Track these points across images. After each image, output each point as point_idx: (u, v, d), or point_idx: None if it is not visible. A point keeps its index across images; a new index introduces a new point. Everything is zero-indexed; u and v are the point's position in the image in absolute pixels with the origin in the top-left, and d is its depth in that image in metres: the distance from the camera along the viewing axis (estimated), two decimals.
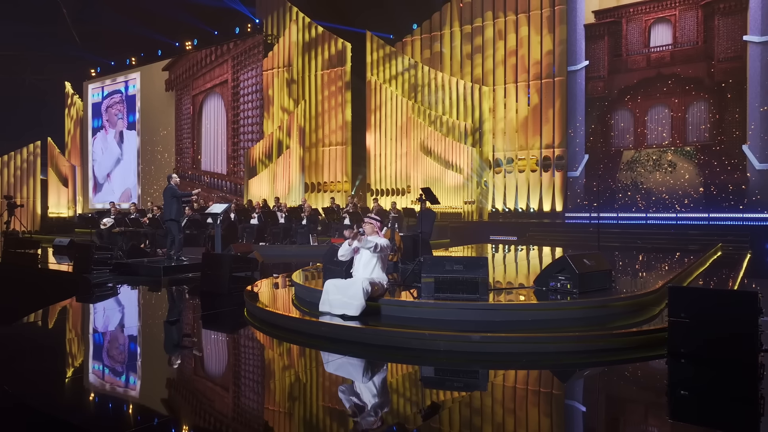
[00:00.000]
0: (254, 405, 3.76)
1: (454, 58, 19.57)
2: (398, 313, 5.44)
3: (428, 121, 19.36)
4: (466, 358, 4.56)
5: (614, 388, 4.18)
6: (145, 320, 6.64)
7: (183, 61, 23.60)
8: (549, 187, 17.78)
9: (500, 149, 18.74)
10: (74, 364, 4.80)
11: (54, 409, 3.53)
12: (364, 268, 5.69)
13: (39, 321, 6.61)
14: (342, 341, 5.01)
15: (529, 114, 18.15)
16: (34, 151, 26.86)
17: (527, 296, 5.85)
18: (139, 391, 4.07)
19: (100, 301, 7.92)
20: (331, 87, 20.05)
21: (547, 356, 4.55)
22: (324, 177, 20.36)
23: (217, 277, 7.62)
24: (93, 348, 5.32)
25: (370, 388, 4.06)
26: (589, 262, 5.87)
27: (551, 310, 5.31)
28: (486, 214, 18.49)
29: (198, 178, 23.18)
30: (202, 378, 4.37)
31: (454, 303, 5.30)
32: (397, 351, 4.74)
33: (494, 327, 5.04)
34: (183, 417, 3.47)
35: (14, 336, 5.81)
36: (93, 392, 4.01)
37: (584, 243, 14.29)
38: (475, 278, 5.44)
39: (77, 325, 6.51)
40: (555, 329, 5.01)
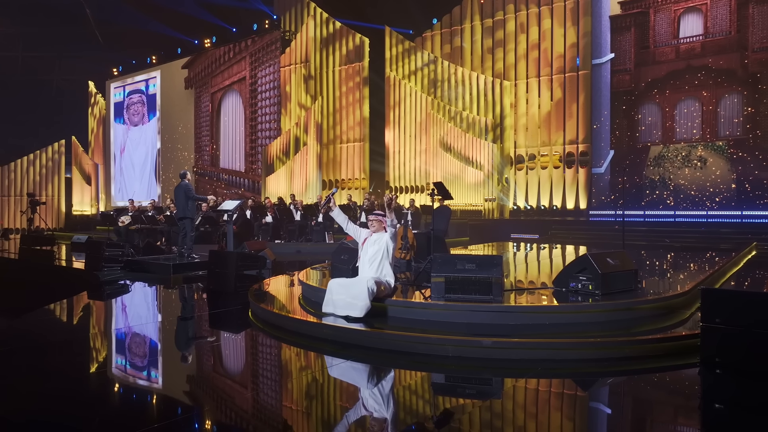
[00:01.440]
0: (243, 413, 3.48)
1: (475, 53, 19.12)
2: (406, 315, 5.11)
3: (448, 117, 18.97)
4: (476, 364, 4.21)
5: (640, 400, 3.79)
6: (143, 319, 6.43)
7: (202, 59, 23.61)
8: (573, 183, 17.22)
9: (522, 145, 18.23)
10: (56, 363, 4.59)
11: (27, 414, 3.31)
12: (370, 265, 5.37)
13: (39, 317, 6.47)
14: (345, 344, 4.71)
15: (552, 109, 17.60)
16: (58, 150, 27.21)
17: (545, 298, 5.47)
18: (120, 396, 3.83)
19: (104, 299, 7.78)
20: (348, 83, 19.78)
21: (565, 364, 4.18)
22: (341, 174, 20.11)
23: (223, 275, 7.40)
24: (77, 347, 5.11)
25: (371, 398, 3.74)
26: (613, 261, 5.46)
27: (571, 313, 4.92)
28: (507, 211, 18.01)
29: (216, 175, 23.17)
30: (187, 381, 4.12)
31: (464, 305, 4.95)
32: (402, 356, 4.42)
33: (508, 331, 4.68)
34: (163, 421, 3.21)
35: (8, 331, 5.67)
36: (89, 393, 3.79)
37: (609, 241, 13.77)
38: (488, 278, 5.08)
39: (70, 323, 6.34)
40: (575, 334, 4.62)
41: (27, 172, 26.76)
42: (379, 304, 5.19)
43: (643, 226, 15.38)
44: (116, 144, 27.82)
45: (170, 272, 9.23)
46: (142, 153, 26.30)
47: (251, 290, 6.64)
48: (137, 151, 26.56)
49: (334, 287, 5.19)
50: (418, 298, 5.46)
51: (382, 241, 5.41)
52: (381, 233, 5.45)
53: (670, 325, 4.88)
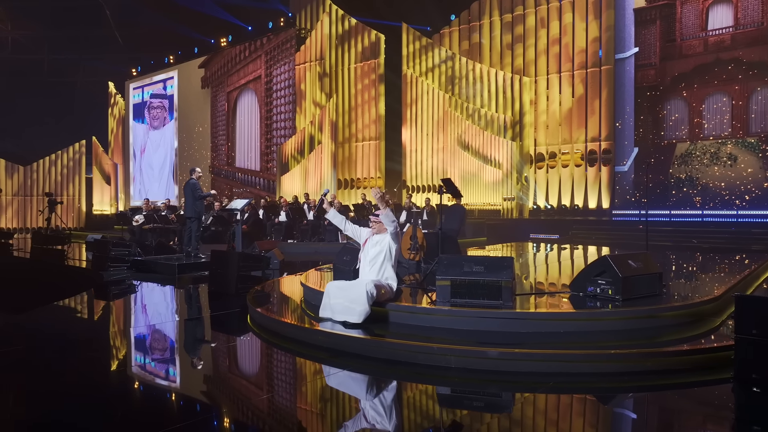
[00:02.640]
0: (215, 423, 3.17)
1: (494, 49, 18.65)
2: (408, 321, 4.75)
3: (466, 114, 18.54)
4: (481, 377, 3.84)
5: (664, 421, 3.38)
6: (135, 322, 6.19)
7: (218, 58, 23.56)
8: (595, 182, 16.63)
9: (542, 143, 17.70)
10: (32, 364, 4.34)
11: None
12: (371, 267, 5.03)
13: (31, 317, 6.28)
14: (340, 352, 4.37)
15: (573, 105, 17.04)
16: (79, 150, 27.49)
17: (561, 303, 5.06)
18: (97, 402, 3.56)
19: (103, 299, 7.60)
20: (364, 80, 19.47)
21: (580, 378, 3.77)
22: (357, 173, 19.80)
23: (224, 276, 7.13)
24: (56, 350, 4.86)
25: (367, 413, 3.40)
26: (635, 263, 5.02)
27: (587, 320, 4.50)
28: (526, 211, 17.50)
29: (232, 175, 23.09)
30: (165, 389, 3.83)
31: (471, 310, 4.57)
32: (401, 366, 4.06)
33: (519, 339, 4.29)
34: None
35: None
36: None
37: (633, 242, 13.20)
38: (497, 281, 4.69)
39: (60, 325, 6.12)
40: (592, 343, 4.21)
41: (49, 172, 27.09)
42: (380, 309, 4.84)
43: (669, 227, 14.75)
44: (136, 144, 27.99)
45: (175, 272, 9.02)
46: (161, 154, 26.39)
47: (251, 292, 6.35)
48: (157, 153, 26.67)
49: (332, 290, 4.86)
50: (425, 303, 5.09)
51: (384, 242, 5.06)
52: (383, 234, 5.10)
53: (698, 334, 4.43)
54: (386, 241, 5.04)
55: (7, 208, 26.09)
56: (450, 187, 6.15)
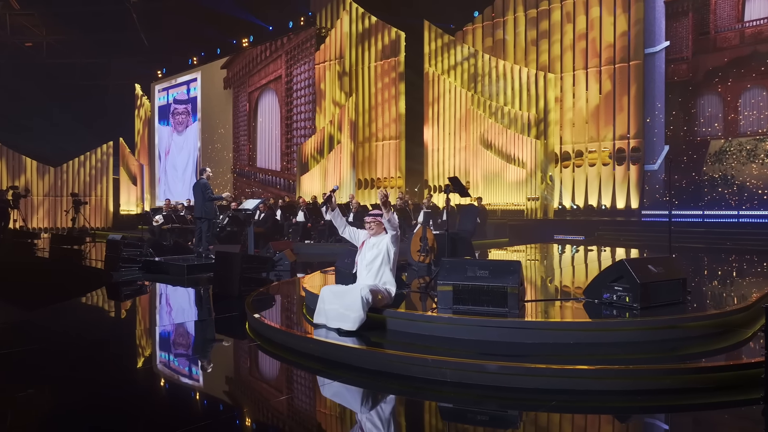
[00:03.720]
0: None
1: (518, 45, 18.17)
2: (407, 329, 4.45)
3: (488, 112, 18.11)
4: (479, 392, 3.51)
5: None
6: (130, 324, 6.04)
7: (240, 59, 23.62)
8: (623, 181, 16.01)
9: (568, 141, 17.13)
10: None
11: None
12: (368, 270, 4.74)
13: (36, 316, 6.20)
14: (331, 363, 4.10)
15: (600, 102, 16.44)
16: (107, 152, 27.97)
17: (574, 311, 4.69)
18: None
19: (107, 300, 7.51)
20: (384, 79, 19.19)
21: (587, 396, 3.41)
22: (377, 172, 19.54)
23: (227, 278, 6.94)
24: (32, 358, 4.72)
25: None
26: (656, 268, 4.60)
27: (600, 330, 4.11)
28: (551, 211, 16.95)
29: (253, 175, 23.11)
30: (139, 391, 3.61)
31: (473, 318, 4.24)
32: (394, 379, 3.77)
33: (524, 350, 3.94)
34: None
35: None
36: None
37: (663, 244, 12.53)
38: (502, 287, 4.35)
39: (53, 326, 6.01)
40: (605, 356, 3.84)
41: (78, 173, 27.63)
42: (377, 316, 4.55)
43: (702, 227, 14.04)
44: (161, 145, 28.33)
45: (185, 273, 8.90)
46: (185, 155, 26.64)
47: (250, 296, 6.13)
48: (180, 154, 26.94)
49: (327, 296, 4.59)
50: (429, 308, 4.78)
51: (381, 244, 4.77)
52: (381, 235, 4.81)
53: (724, 348, 4.01)
54: (384, 243, 4.75)
55: (38, 209, 26.70)
56: (457, 185, 5.82)
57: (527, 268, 8.27)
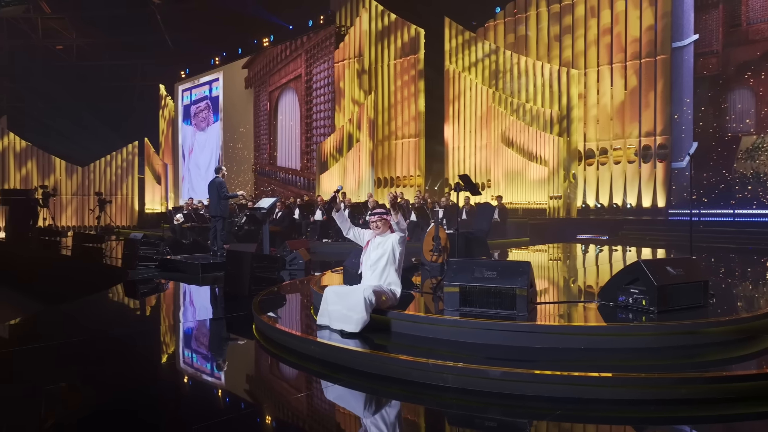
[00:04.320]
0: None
1: (541, 41, 17.83)
2: (411, 331, 4.31)
3: (510, 109, 17.81)
4: (481, 399, 3.35)
5: None
6: (138, 323, 6.02)
7: (260, 58, 23.73)
8: (649, 180, 15.56)
9: (592, 138, 16.74)
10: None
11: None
12: (372, 270, 4.61)
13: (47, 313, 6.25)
14: (333, 365, 3.98)
15: (626, 98, 16.01)
16: (132, 151, 28.43)
17: (587, 314, 4.48)
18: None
19: (120, 298, 7.54)
20: (404, 76, 19.03)
21: (596, 406, 3.22)
22: (396, 171, 19.39)
23: (238, 277, 6.90)
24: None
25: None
26: (675, 270, 4.36)
27: (613, 335, 3.90)
28: (574, 210, 16.57)
29: (274, 174, 23.20)
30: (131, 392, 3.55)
31: (479, 321, 4.07)
32: (393, 384, 3.63)
33: (532, 355, 3.77)
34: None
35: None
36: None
37: (690, 244, 12.17)
38: (511, 289, 4.18)
39: (70, 322, 6.03)
40: (618, 362, 3.64)
41: (104, 172, 28.14)
42: (382, 317, 4.42)
43: (732, 227, 13.54)
44: (185, 144, 28.69)
45: (199, 272, 8.92)
46: (207, 154, 26.91)
47: (258, 295, 6.06)
48: (203, 153, 27.22)
49: (330, 296, 4.47)
50: (424, 312, 4.63)
51: (386, 244, 4.63)
52: (386, 235, 4.68)
53: (749, 354, 3.77)
54: (389, 243, 4.61)
55: (67, 207, 27.30)
56: (468, 183, 5.64)
57: (547, 268, 8.04)
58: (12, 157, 26.69)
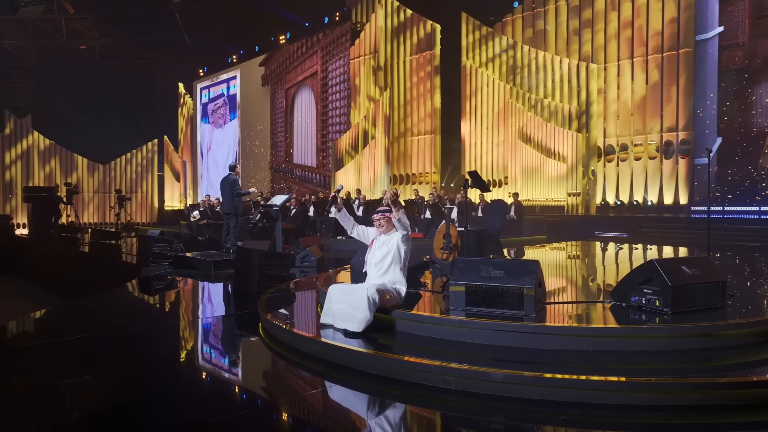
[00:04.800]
0: None
1: (560, 35, 17.53)
2: (416, 331, 4.22)
3: (528, 105, 17.55)
4: (484, 402, 3.25)
5: None
6: (149, 319, 6.03)
7: (277, 56, 23.78)
8: (671, 176, 15.20)
9: (612, 134, 16.41)
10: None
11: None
12: (377, 269, 4.53)
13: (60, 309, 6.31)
14: (335, 365, 3.91)
15: (647, 93, 15.65)
16: (152, 149, 28.78)
17: (598, 314, 4.34)
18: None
19: (129, 294, 7.59)
20: (419, 72, 18.88)
21: (603, 411, 3.09)
22: (412, 168, 19.27)
23: (248, 275, 6.88)
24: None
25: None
26: (691, 270, 4.19)
27: (624, 337, 3.75)
28: (593, 207, 16.27)
29: (290, 171, 23.25)
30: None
31: (484, 321, 3.96)
32: (394, 385, 3.55)
33: (539, 357, 3.65)
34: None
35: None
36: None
37: (714, 242, 11.84)
38: (518, 289, 4.06)
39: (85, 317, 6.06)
40: (628, 365, 3.50)
41: (125, 170, 28.55)
42: (387, 317, 4.34)
43: (758, 225, 13.14)
44: (203, 142, 28.94)
45: (211, 269, 8.94)
46: (224, 152, 27.10)
47: (266, 293, 6.02)
48: (220, 150, 27.42)
49: (334, 294, 4.40)
50: (431, 311, 4.53)
51: (391, 242, 4.54)
52: (391, 233, 4.59)
53: (767, 359, 3.60)
54: (394, 241, 4.52)
55: (89, 204, 27.77)
56: (477, 180, 5.52)
57: (562, 266, 7.87)
58: (36, 155, 27.21)
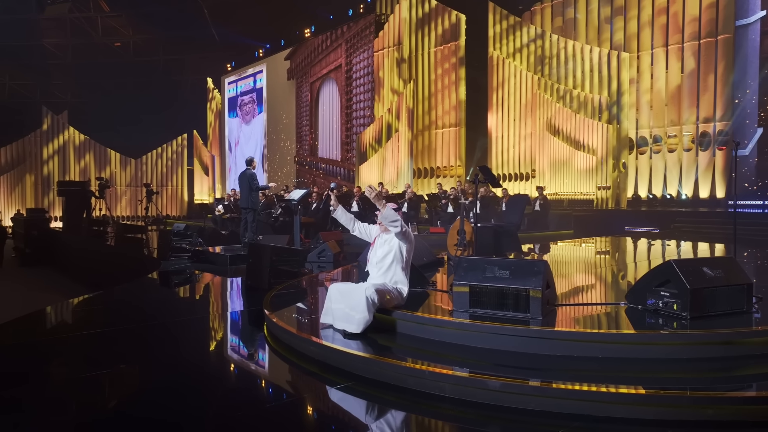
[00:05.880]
0: None
1: (590, 24, 16.97)
2: (417, 333, 4.05)
3: (556, 96, 17.07)
4: (480, 412, 3.06)
5: None
6: (158, 314, 6.03)
7: (302, 49, 23.77)
8: (707, 169, 14.57)
9: (645, 125, 15.83)
10: None
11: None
12: (378, 268, 4.37)
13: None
14: (331, 368, 3.78)
15: (682, 82, 15.02)
16: (181, 143, 29.34)
17: (611, 317, 4.09)
18: None
19: (142, 289, 7.65)
20: (444, 64, 18.55)
21: (607, 425, 2.86)
22: (436, 161, 19.00)
23: (258, 270, 6.82)
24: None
25: None
26: (713, 271, 3.90)
27: (636, 344, 3.50)
28: (624, 201, 15.73)
29: (315, 165, 23.27)
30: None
31: (485, 325, 3.77)
32: (388, 391, 3.39)
33: (544, 363, 3.45)
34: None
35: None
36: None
37: (751, 238, 11.27)
38: (524, 290, 3.85)
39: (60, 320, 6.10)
40: (640, 374, 3.26)
41: (155, 164, 29.16)
42: (387, 317, 4.19)
43: None
44: (231, 136, 29.24)
45: (228, 263, 8.94)
46: (252, 146, 27.31)
47: (274, 290, 5.93)
48: (248, 145, 27.65)
49: (334, 294, 4.27)
50: (434, 313, 4.36)
51: (393, 240, 4.38)
52: (390, 228, 4.42)
53: None
54: (395, 240, 4.36)
55: (121, 198, 28.48)
56: (487, 174, 5.29)
57: (583, 263, 7.58)
58: (72, 150, 28.04)
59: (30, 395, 3.46)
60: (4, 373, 3.95)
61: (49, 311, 6.50)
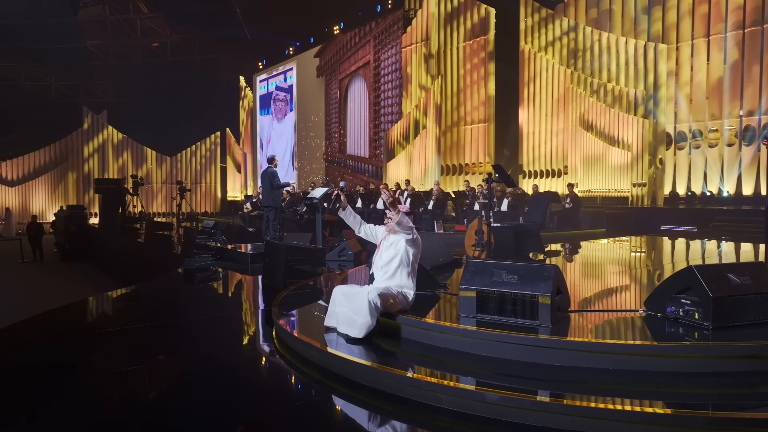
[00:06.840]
0: None
1: (626, 15, 16.37)
2: (421, 339, 3.91)
3: (590, 90, 16.55)
4: (478, 426, 2.90)
5: None
6: (169, 313, 6.05)
7: (331, 46, 23.78)
8: (752, 165, 13.89)
9: (683, 120, 15.18)
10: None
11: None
12: (383, 272, 4.25)
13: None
14: (331, 374, 3.68)
15: (725, 74, 14.34)
16: (215, 141, 29.83)
17: (628, 326, 3.85)
18: None
19: (165, 287, 7.72)
20: (473, 59, 18.22)
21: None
22: (464, 158, 18.70)
23: (274, 269, 6.78)
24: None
25: None
26: (740, 278, 3.62)
27: (650, 356, 3.27)
28: (661, 198, 15.14)
29: (344, 162, 23.27)
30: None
31: (488, 332, 3.59)
32: (385, 400, 3.27)
33: (550, 374, 3.26)
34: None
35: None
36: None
37: (766, 239, 10.62)
38: (533, 296, 3.66)
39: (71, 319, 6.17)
40: (651, 387, 3.04)
41: (190, 162, 29.74)
42: (391, 322, 4.06)
43: None
44: (262, 134, 29.54)
45: (249, 261, 8.97)
46: (283, 143, 27.54)
47: (285, 290, 5.88)
48: (279, 142, 27.89)
49: (337, 297, 4.16)
50: (438, 318, 4.20)
51: (399, 244, 4.25)
52: (399, 234, 4.28)
53: None
54: (402, 243, 4.22)
55: (157, 195, 29.17)
56: (501, 174, 5.09)
57: (609, 264, 7.27)
58: (111, 148, 28.85)
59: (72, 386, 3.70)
60: (49, 363, 4.16)
61: (79, 306, 6.62)
